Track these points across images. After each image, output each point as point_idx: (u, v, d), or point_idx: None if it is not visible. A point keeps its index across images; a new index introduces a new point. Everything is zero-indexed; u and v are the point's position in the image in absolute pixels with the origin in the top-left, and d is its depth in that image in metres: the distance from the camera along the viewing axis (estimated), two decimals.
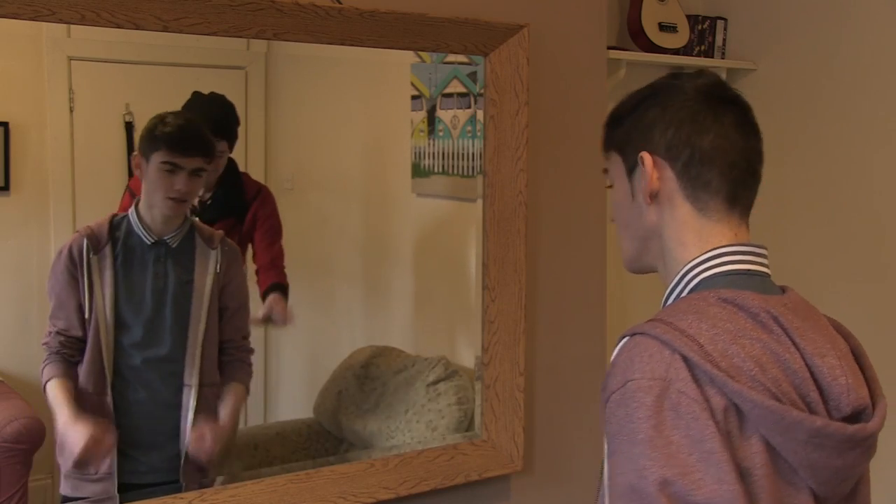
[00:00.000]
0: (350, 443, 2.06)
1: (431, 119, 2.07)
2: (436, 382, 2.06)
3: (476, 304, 1.98)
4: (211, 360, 1.77)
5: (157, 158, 1.66)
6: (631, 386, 0.93)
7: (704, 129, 1.06)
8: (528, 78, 1.92)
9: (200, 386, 1.74)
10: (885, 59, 2.39)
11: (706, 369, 0.92)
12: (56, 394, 1.63)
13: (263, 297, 1.89)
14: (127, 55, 1.71)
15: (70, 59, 1.66)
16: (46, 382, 1.63)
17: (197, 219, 1.78)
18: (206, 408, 1.76)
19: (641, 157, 1.08)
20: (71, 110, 1.66)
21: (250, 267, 1.88)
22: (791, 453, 0.94)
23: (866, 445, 0.98)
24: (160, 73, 1.78)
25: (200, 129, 1.72)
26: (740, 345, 0.95)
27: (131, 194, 1.75)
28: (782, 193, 2.65)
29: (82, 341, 1.64)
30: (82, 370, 1.65)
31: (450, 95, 2.03)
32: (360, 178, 2.12)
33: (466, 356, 2.08)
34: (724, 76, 2.79)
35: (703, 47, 2.95)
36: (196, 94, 1.76)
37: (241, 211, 1.87)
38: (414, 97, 2.07)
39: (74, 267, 1.63)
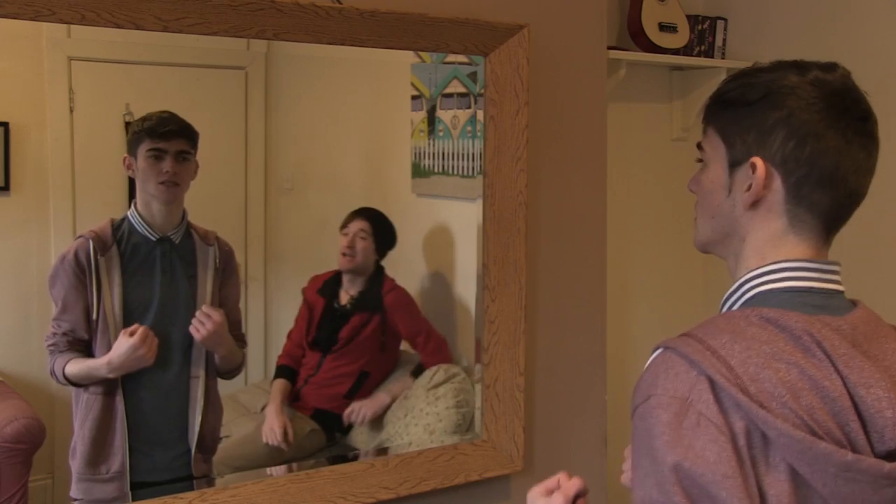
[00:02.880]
0: (350, 444, 2.06)
1: (431, 119, 2.07)
2: (436, 386, 2.06)
3: (476, 304, 1.98)
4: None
5: (143, 150, 1.70)
6: (652, 402, 0.93)
7: (828, 150, 0.99)
8: (528, 78, 1.92)
9: (207, 377, 1.78)
10: (884, 58, 2.39)
11: (732, 393, 0.89)
12: (85, 361, 1.66)
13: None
14: (127, 55, 1.71)
15: (70, 59, 1.66)
16: (66, 365, 1.65)
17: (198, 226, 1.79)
18: (214, 398, 1.80)
19: (753, 164, 1.02)
20: (71, 110, 1.66)
21: None
22: (821, 485, 0.90)
23: None
24: (160, 73, 1.78)
25: (178, 117, 1.74)
26: (774, 369, 0.91)
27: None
28: None
29: (88, 343, 1.66)
30: None
31: (450, 95, 2.03)
32: (360, 178, 2.12)
33: (466, 356, 2.08)
34: (723, 76, 2.78)
35: (703, 47, 2.95)
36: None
37: (376, 305, 2.06)
38: (414, 97, 2.07)
39: (82, 271, 1.65)
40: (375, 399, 2.06)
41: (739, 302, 1.04)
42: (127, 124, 1.72)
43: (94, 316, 1.65)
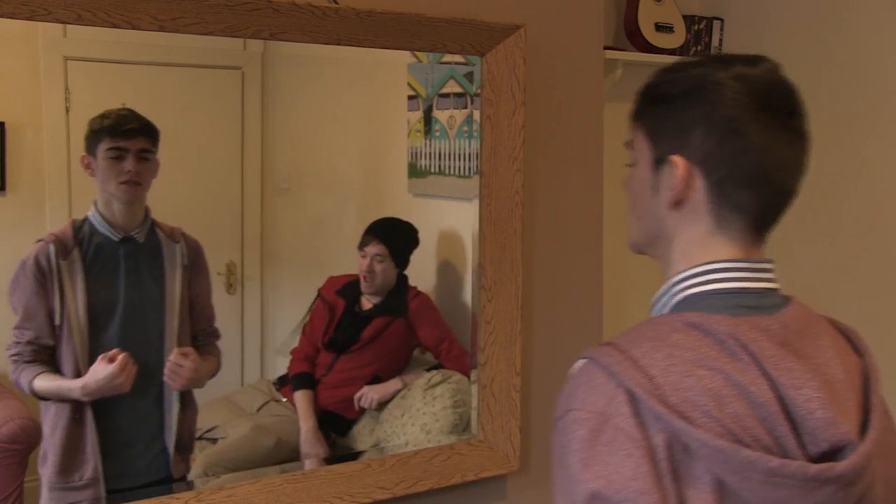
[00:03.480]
0: (347, 444, 2.06)
1: (428, 119, 2.07)
2: (433, 386, 2.06)
3: (473, 304, 1.98)
4: None
5: (102, 149, 1.66)
6: (570, 416, 0.92)
7: (750, 147, 0.96)
8: (524, 78, 1.92)
9: None
10: (883, 58, 2.39)
11: (651, 405, 0.87)
12: (56, 380, 1.62)
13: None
14: (123, 55, 1.71)
15: (66, 58, 1.65)
16: (34, 379, 1.61)
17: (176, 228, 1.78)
18: (189, 398, 1.76)
19: (673, 161, 0.99)
20: (67, 110, 1.65)
21: None
22: (749, 493, 0.87)
23: (842, 484, 0.89)
24: (157, 73, 1.77)
25: (138, 115, 1.71)
26: (697, 376, 0.89)
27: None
28: None
29: (53, 350, 1.63)
30: None
31: (446, 95, 2.03)
32: (357, 178, 2.12)
33: None
34: None
35: (699, 47, 2.95)
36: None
37: (401, 310, 2.07)
38: (410, 97, 2.07)
39: (43, 275, 1.61)
40: (386, 384, 2.05)
41: (669, 305, 1.02)
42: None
43: (58, 321, 1.61)
